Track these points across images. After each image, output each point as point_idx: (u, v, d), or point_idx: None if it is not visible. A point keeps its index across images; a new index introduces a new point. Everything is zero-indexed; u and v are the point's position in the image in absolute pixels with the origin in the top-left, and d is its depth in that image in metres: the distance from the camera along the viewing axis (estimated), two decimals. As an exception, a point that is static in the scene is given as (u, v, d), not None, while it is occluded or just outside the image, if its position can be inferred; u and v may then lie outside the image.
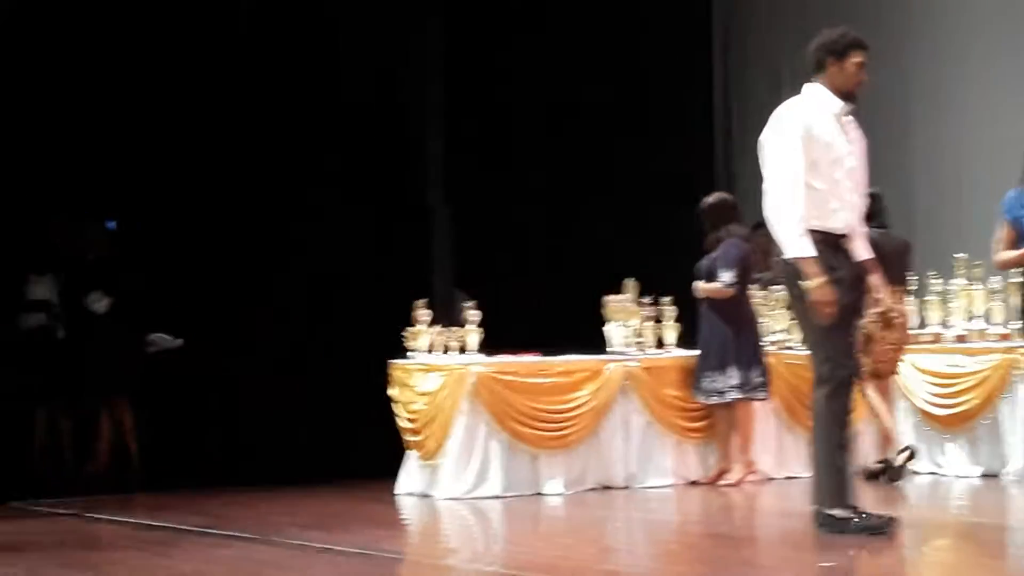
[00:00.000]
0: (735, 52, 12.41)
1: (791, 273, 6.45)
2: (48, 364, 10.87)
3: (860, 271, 6.55)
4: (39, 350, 10.88)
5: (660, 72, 11.87)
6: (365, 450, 10.36)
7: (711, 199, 9.52)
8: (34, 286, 11.01)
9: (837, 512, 6.42)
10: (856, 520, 6.40)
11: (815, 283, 6.31)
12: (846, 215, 6.52)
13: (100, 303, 10.83)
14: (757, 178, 6.58)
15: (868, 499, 6.81)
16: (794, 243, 6.38)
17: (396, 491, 9.18)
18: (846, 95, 6.53)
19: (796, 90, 6.64)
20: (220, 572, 6.28)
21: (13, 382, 9.85)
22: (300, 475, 9.99)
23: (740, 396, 9.24)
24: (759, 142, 6.55)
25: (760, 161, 6.54)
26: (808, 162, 6.39)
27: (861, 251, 6.59)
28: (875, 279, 6.62)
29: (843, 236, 6.51)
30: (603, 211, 11.44)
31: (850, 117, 6.59)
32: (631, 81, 11.84)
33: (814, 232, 6.40)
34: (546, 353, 9.37)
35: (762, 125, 6.56)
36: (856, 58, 6.52)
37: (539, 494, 8.97)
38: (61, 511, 9.05)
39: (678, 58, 11.98)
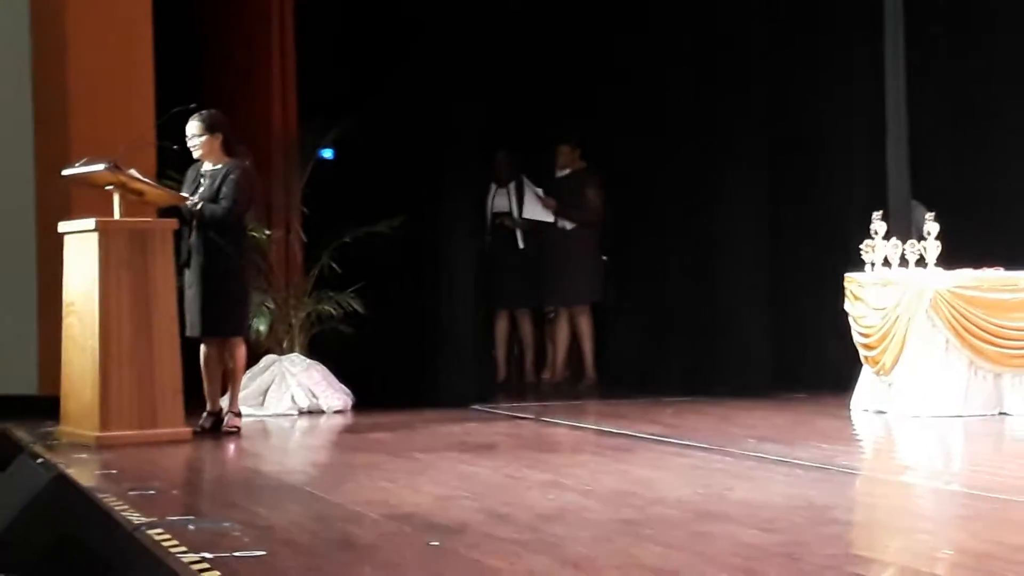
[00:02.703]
0: None
1: None
2: (509, 272, 11.31)
3: None
4: (501, 258, 11.32)
5: None
6: (819, 364, 10.27)
7: None
8: (497, 197, 11.45)
9: None
10: None
11: None
12: None
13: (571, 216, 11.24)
14: None
15: None
16: None
17: (850, 406, 9.05)
18: None
19: None
20: (677, 479, 6.35)
21: (477, 289, 10.25)
22: (747, 388, 10.00)
23: None
24: None
25: None
26: None
27: None
28: None
29: None
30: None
31: None
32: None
33: None
34: (1009, 267, 8.96)
35: None
36: None
37: (1002, 413, 8.63)
38: (519, 415, 9.41)
39: None
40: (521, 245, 11.36)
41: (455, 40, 10.21)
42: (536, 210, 11.29)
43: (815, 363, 10.41)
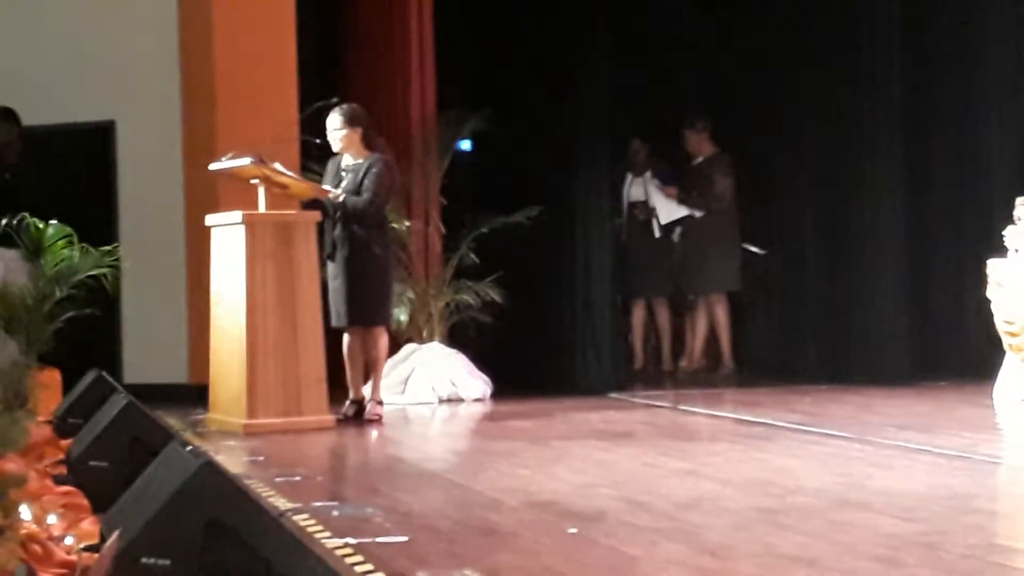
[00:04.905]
0: None
1: None
2: (645, 261, 11.33)
3: None
4: (637, 247, 11.35)
5: None
6: (961, 351, 10.12)
7: None
8: (633, 186, 11.49)
9: None
10: None
11: None
12: None
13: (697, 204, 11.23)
14: None
15: None
16: None
17: (993, 394, 8.92)
18: None
19: None
20: (815, 468, 6.33)
21: (613, 278, 10.29)
22: (887, 375, 9.89)
23: None
24: None
25: None
26: None
27: None
28: None
29: None
30: None
31: None
32: None
33: None
34: None
35: None
36: None
37: None
38: (657, 403, 9.42)
39: None
40: (657, 234, 11.38)
41: (587, 29, 10.25)
42: (671, 209, 11.28)
43: (957, 351, 10.27)
